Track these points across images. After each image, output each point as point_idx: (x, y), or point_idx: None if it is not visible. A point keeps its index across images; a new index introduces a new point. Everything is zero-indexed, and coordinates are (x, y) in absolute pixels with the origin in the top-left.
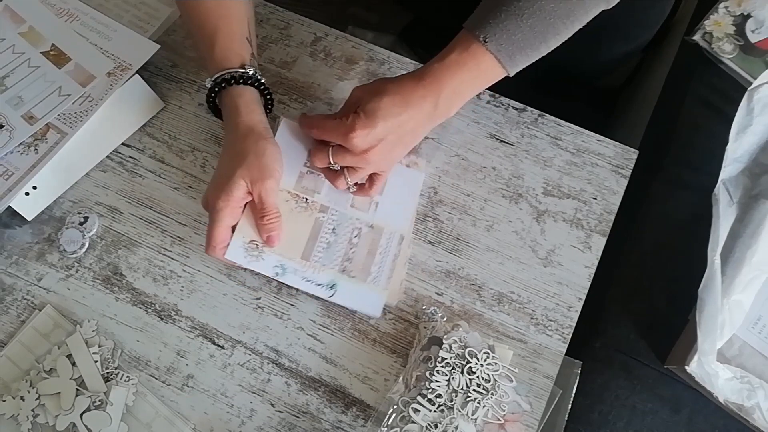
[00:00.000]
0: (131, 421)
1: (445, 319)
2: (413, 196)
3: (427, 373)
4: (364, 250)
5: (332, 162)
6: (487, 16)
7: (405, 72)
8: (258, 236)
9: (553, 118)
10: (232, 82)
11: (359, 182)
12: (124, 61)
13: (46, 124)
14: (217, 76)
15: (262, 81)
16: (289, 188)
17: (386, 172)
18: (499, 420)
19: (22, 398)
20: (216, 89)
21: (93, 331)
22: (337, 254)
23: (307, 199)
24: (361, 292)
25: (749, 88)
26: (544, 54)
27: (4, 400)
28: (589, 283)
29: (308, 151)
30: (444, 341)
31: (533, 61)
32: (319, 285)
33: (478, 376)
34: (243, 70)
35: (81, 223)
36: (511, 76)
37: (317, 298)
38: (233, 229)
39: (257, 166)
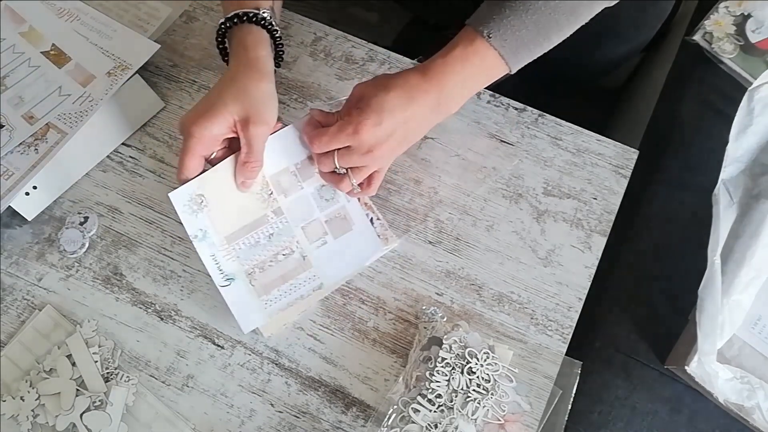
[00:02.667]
0: (131, 421)
1: (445, 319)
2: (362, 261)
3: (427, 373)
4: (281, 272)
5: (338, 166)
6: (491, 13)
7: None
8: (208, 192)
9: (553, 118)
10: (244, 18)
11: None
12: (124, 60)
13: (46, 124)
14: (230, 14)
15: (276, 28)
16: (266, 173)
17: (385, 169)
18: (499, 420)
19: (22, 398)
20: (227, 24)
21: (93, 331)
22: (257, 257)
23: (271, 193)
24: (247, 303)
25: (749, 88)
26: (546, 50)
27: (4, 400)
28: (589, 283)
29: (307, 157)
30: (444, 341)
31: (535, 57)
32: (220, 271)
33: (478, 376)
34: (256, 10)
35: (81, 223)
36: (512, 72)
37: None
38: (211, 163)
39: (252, 106)
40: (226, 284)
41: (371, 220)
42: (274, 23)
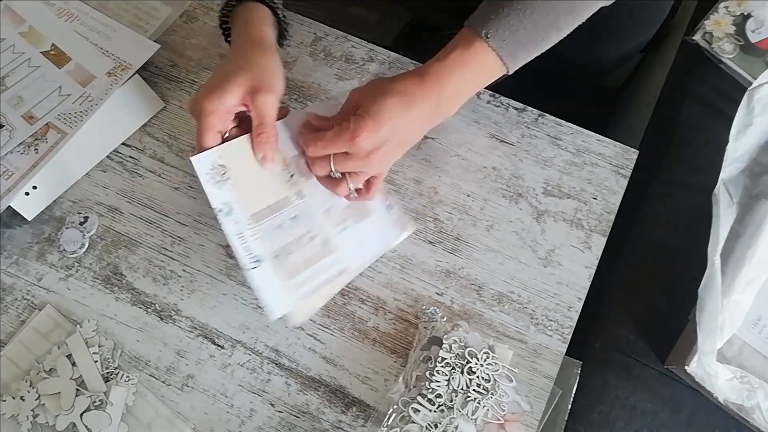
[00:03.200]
0: (131, 421)
1: (445, 319)
2: (382, 246)
3: (427, 373)
4: (307, 254)
5: (333, 170)
6: (489, 13)
7: (404, 71)
8: (231, 165)
9: (553, 118)
10: None
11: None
12: (124, 60)
13: (46, 124)
14: None
15: (280, 6)
16: (286, 155)
17: (384, 174)
18: (499, 420)
19: (22, 398)
20: (232, 2)
21: (93, 331)
22: (282, 240)
23: (293, 175)
24: (275, 287)
25: (749, 88)
26: (544, 51)
27: (4, 400)
28: (589, 283)
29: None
30: (444, 341)
31: (533, 57)
32: (248, 252)
33: (478, 376)
34: None
35: (81, 223)
36: (510, 73)
37: None
38: (223, 140)
39: (259, 76)
40: (254, 266)
41: (388, 206)
42: (279, 3)
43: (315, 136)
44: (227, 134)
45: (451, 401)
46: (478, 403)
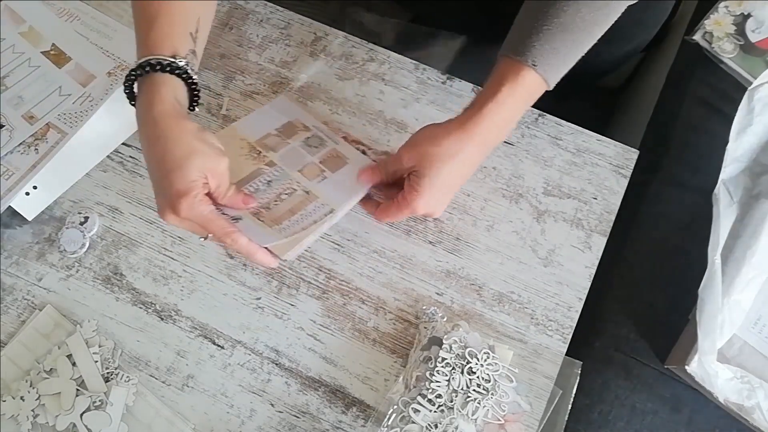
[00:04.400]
0: (131, 421)
1: (445, 319)
2: (366, 185)
3: (427, 373)
4: (287, 206)
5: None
6: (529, 39)
7: (404, 71)
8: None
9: (553, 118)
10: (158, 68)
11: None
12: (124, 60)
13: (46, 124)
14: (143, 60)
15: (194, 77)
16: (251, 140)
17: None
18: (499, 420)
19: (22, 398)
20: (137, 72)
21: (93, 331)
22: (260, 200)
23: (260, 153)
24: (260, 233)
25: (749, 88)
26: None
27: (4, 400)
28: (589, 283)
29: (288, 121)
30: (444, 341)
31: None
32: (225, 214)
33: (478, 376)
34: (173, 59)
35: (81, 223)
36: (551, 89)
37: (317, 299)
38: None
39: (207, 154)
40: (233, 222)
41: (363, 151)
42: (192, 73)
43: (382, 211)
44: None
45: (451, 401)
46: (478, 403)
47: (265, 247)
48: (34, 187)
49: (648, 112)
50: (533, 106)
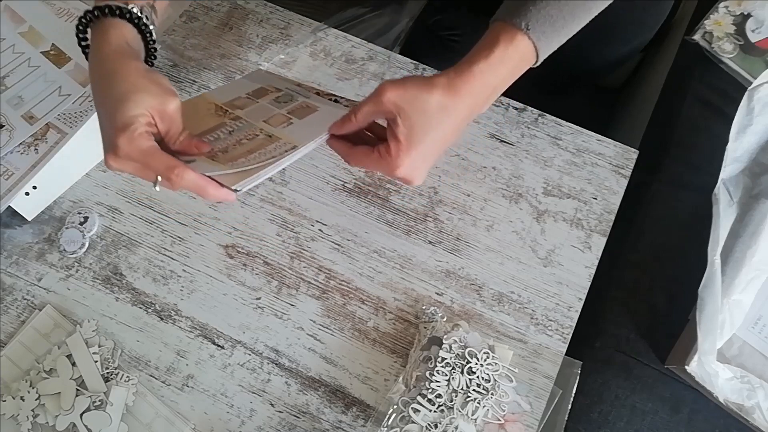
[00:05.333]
0: (131, 421)
1: (445, 319)
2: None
3: (427, 373)
4: (246, 148)
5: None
6: (525, 6)
7: (404, 71)
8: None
9: (553, 117)
10: (107, 11)
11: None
12: None
13: (46, 124)
14: (95, 6)
15: (150, 28)
16: (218, 102)
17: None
18: (499, 420)
19: (22, 398)
20: (87, 17)
21: (93, 331)
22: (218, 145)
23: (226, 111)
24: (211, 168)
25: (749, 88)
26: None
27: (4, 400)
28: (589, 283)
29: (260, 87)
30: (444, 341)
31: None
32: (178, 158)
33: (478, 376)
34: (124, 5)
35: (81, 223)
36: (537, 65)
37: (317, 299)
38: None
39: (153, 92)
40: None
41: (335, 99)
42: (145, 20)
43: (354, 154)
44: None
45: (451, 401)
46: (478, 403)
47: (216, 181)
48: (34, 187)
49: (648, 112)
50: (533, 106)
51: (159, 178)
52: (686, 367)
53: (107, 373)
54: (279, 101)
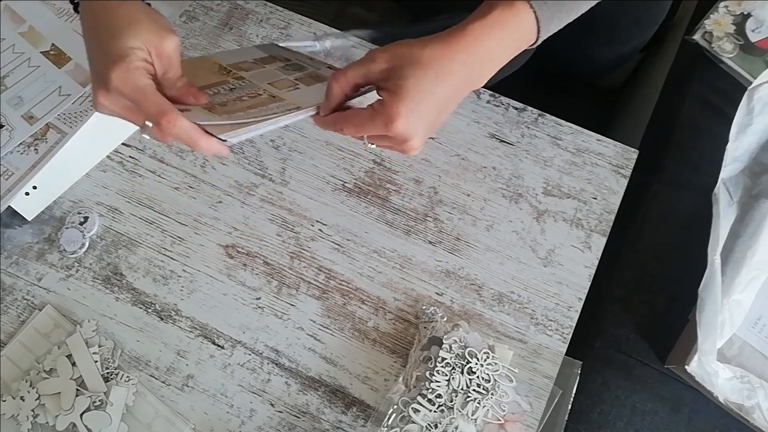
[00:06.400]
0: (131, 421)
1: (445, 319)
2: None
3: (427, 373)
4: (246, 104)
5: (368, 146)
6: None
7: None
8: None
9: (553, 117)
10: None
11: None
12: None
13: (46, 124)
14: None
15: None
16: (223, 63)
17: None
18: (499, 420)
19: (22, 398)
20: None
21: (93, 331)
22: (216, 99)
23: (230, 71)
24: (206, 117)
25: (749, 88)
26: (572, 20)
27: (4, 400)
28: (589, 283)
29: (269, 55)
30: (444, 341)
31: (560, 28)
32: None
33: (478, 376)
34: None
35: (81, 223)
36: (536, 45)
37: (317, 299)
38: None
39: (150, 28)
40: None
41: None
42: None
43: (345, 117)
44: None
45: (451, 401)
46: (478, 403)
47: (209, 133)
48: (34, 187)
49: (648, 112)
50: (533, 106)
51: (149, 123)
52: (686, 367)
53: (107, 373)
54: (287, 69)
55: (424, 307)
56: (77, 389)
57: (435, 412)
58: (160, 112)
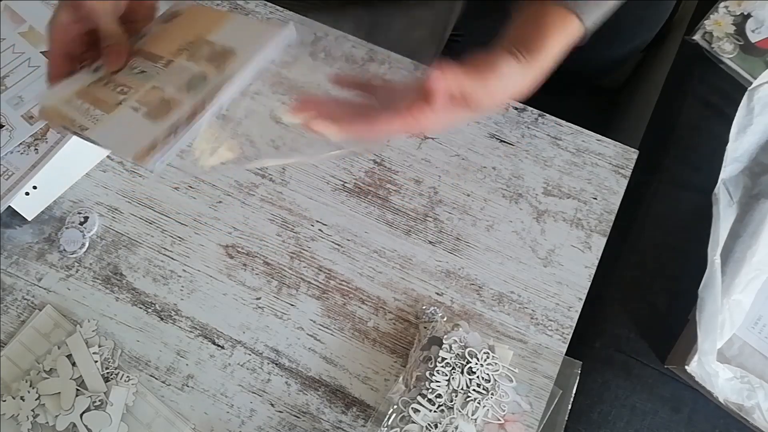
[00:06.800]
0: (131, 421)
1: (445, 319)
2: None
3: (427, 373)
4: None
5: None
6: None
7: (404, 71)
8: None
9: (553, 118)
10: None
11: None
12: None
13: (46, 124)
14: None
15: None
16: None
17: None
18: (499, 420)
19: (22, 398)
20: None
21: (93, 331)
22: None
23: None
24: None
25: (749, 88)
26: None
27: (4, 400)
28: (589, 283)
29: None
30: (444, 341)
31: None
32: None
33: (478, 376)
34: None
35: (81, 223)
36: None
37: (317, 299)
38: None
39: None
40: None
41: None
42: None
43: (371, 120)
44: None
45: (451, 401)
46: (478, 403)
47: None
48: (34, 187)
49: (648, 112)
50: (533, 106)
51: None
52: (686, 367)
53: (107, 373)
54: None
55: (424, 307)
56: (77, 389)
57: (435, 412)
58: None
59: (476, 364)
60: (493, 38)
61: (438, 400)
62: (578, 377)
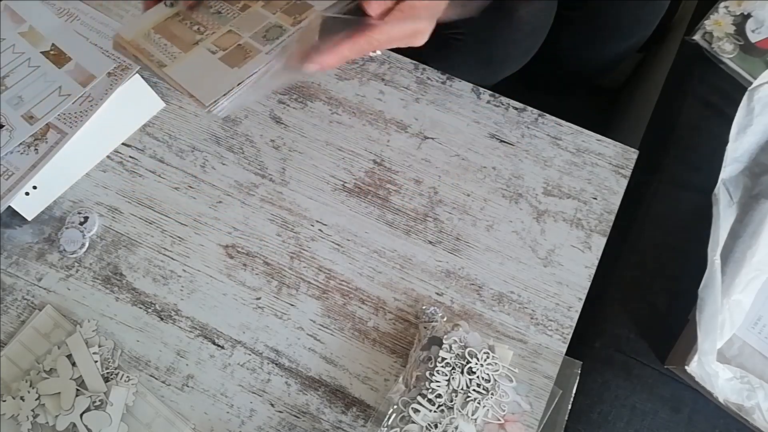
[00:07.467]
0: (131, 421)
1: (445, 319)
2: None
3: (427, 373)
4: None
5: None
6: None
7: (404, 71)
8: None
9: (553, 118)
10: None
11: None
12: (124, 60)
13: (46, 124)
14: None
15: None
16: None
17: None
18: (499, 420)
19: (22, 398)
20: None
21: (93, 331)
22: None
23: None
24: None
25: (749, 88)
26: None
27: (4, 400)
28: (589, 283)
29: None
30: (444, 341)
31: None
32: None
33: (478, 376)
34: None
35: (81, 223)
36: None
37: (317, 299)
38: None
39: None
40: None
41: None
42: None
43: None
44: None
45: (451, 401)
46: (478, 403)
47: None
48: (34, 187)
49: (648, 112)
50: (533, 106)
51: None
52: (686, 367)
53: (107, 373)
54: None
55: (424, 307)
56: (77, 389)
57: (435, 412)
58: None
59: (476, 364)
60: (492, 37)
61: (438, 400)
62: (578, 377)
